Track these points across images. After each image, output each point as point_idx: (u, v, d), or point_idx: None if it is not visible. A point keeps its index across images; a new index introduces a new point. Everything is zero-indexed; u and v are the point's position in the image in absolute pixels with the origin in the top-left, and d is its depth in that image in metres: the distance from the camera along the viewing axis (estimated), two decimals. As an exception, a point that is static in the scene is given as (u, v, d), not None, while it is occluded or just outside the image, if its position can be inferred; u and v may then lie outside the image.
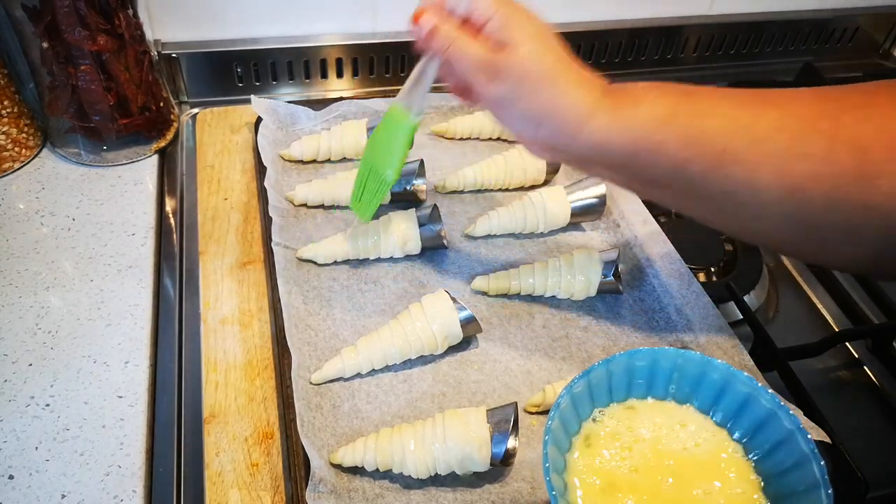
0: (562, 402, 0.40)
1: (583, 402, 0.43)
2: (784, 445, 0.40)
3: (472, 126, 0.82)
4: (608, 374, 0.43)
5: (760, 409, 0.41)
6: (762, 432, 0.42)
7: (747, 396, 0.42)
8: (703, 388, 0.44)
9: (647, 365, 0.44)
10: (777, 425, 0.41)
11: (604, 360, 0.42)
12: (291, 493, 0.51)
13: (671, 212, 0.80)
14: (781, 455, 0.40)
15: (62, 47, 0.67)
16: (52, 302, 0.62)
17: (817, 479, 0.38)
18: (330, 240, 0.67)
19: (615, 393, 0.44)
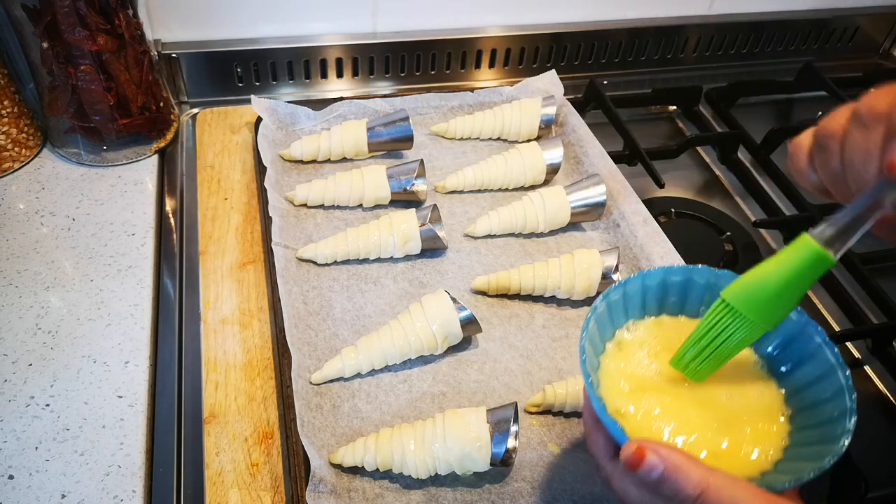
0: (599, 307, 0.43)
1: (617, 311, 0.45)
2: (811, 359, 0.42)
3: (472, 126, 0.82)
4: (643, 288, 0.45)
5: (790, 325, 0.43)
6: (790, 347, 0.43)
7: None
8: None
9: (681, 281, 0.45)
10: (806, 340, 0.42)
11: (640, 273, 0.45)
12: (291, 493, 0.51)
13: (671, 211, 0.80)
14: (808, 367, 0.42)
15: (62, 47, 0.67)
16: (52, 302, 0.62)
17: (842, 385, 0.39)
18: (330, 240, 0.67)
19: (648, 307, 0.46)
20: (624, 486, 0.39)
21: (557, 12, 0.96)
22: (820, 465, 0.36)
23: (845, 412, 0.39)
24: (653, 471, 0.35)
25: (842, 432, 0.38)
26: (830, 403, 0.40)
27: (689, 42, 1.03)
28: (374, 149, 0.77)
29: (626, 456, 0.36)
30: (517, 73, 0.98)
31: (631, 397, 0.43)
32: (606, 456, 0.41)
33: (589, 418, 0.42)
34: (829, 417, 0.39)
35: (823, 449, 0.38)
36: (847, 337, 0.68)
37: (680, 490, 0.34)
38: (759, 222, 0.80)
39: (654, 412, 0.42)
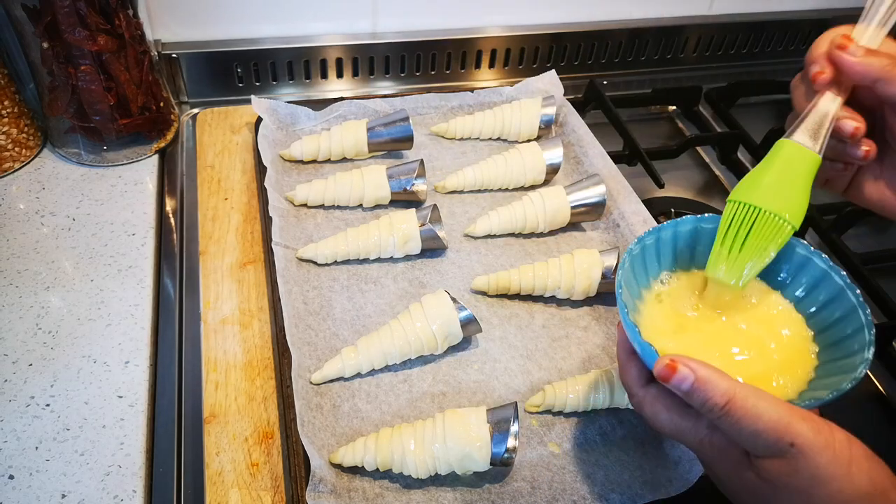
0: (634, 249, 0.46)
1: (651, 256, 0.48)
2: (834, 300, 0.45)
3: (472, 126, 0.82)
4: (675, 235, 0.48)
5: (815, 270, 0.47)
6: (816, 289, 0.47)
7: (805, 259, 0.47)
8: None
9: (713, 228, 0.47)
10: (829, 283, 0.46)
11: (672, 221, 0.48)
12: (291, 492, 0.51)
13: (671, 211, 0.80)
14: (832, 308, 0.46)
15: (62, 47, 0.67)
16: (53, 302, 0.62)
17: (862, 323, 0.43)
18: (330, 240, 0.67)
19: (680, 255, 0.49)
20: (655, 410, 0.42)
21: (557, 12, 0.96)
22: (838, 389, 0.39)
23: (865, 345, 0.42)
24: (684, 381, 0.37)
25: (860, 361, 0.41)
26: (851, 339, 0.44)
27: (689, 42, 1.03)
28: (374, 149, 0.77)
29: (659, 369, 0.38)
30: (517, 73, 0.98)
31: (666, 336, 0.45)
32: (639, 383, 0.43)
33: (622, 350, 0.44)
34: (851, 351, 0.43)
35: (843, 377, 0.41)
36: (847, 337, 0.68)
37: (708, 398, 0.37)
38: (759, 222, 0.79)
39: (690, 349, 0.45)
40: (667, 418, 0.41)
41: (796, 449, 0.36)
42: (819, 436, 0.36)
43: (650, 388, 0.42)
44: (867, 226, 0.85)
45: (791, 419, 0.36)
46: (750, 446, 0.37)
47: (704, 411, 0.38)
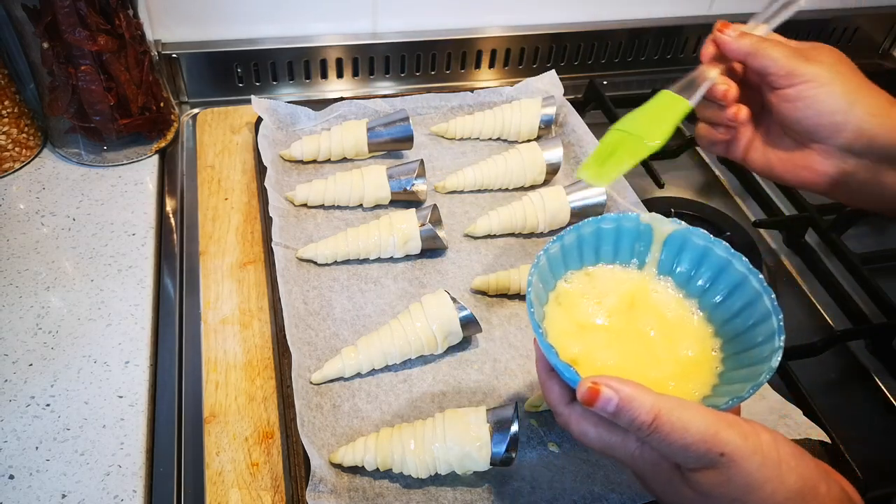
0: (540, 260, 0.45)
1: (557, 263, 0.48)
2: (738, 288, 0.45)
3: (472, 126, 0.82)
4: (579, 238, 0.48)
5: (717, 259, 0.46)
6: (719, 279, 0.46)
7: (704, 249, 0.47)
8: (667, 247, 0.48)
9: (612, 229, 0.48)
10: (731, 271, 0.45)
11: (575, 225, 0.48)
12: (291, 492, 0.51)
13: (671, 211, 0.80)
14: (736, 297, 0.45)
15: (62, 47, 0.67)
16: (53, 302, 0.62)
17: (769, 309, 0.42)
18: (330, 240, 0.67)
19: (586, 257, 0.49)
20: (582, 429, 0.41)
21: (557, 12, 0.96)
22: (756, 382, 0.39)
23: (773, 333, 0.41)
24: (608, 403, 0.37)
25: (772, 350, 0.40)
26: (758, 327, 0.43)
27: (689, 42, 1.03)
28: (374, 149, 0.77)
29: (582, 393, 0.37)
30: (517, 73, 0.98)
31: (576, 338, 0.45)
32: (563, 402, 0.42)
33: (542, 368, 0.44)
34: (760, 340, 0.42)
35: (757, 369, 0.40)
36: (847, 337, 0.68)
37: (635, 418, 0.36)
38: (759, 222, 0.80)
39: (599, 349, 0.45)
40: (595, 435, 0.40)
41: (726, 458, 0.35)
42: (747, 441, 0.36)
43: (575, 406, 0.41)
44: (867, 226, 0.85)
45: (718, 428, 0.36)
46: (681, 460, 0.37)
47: (632, 430, 0.37)
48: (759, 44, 0.53)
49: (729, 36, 0.54)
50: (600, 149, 0.53)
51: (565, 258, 0.48)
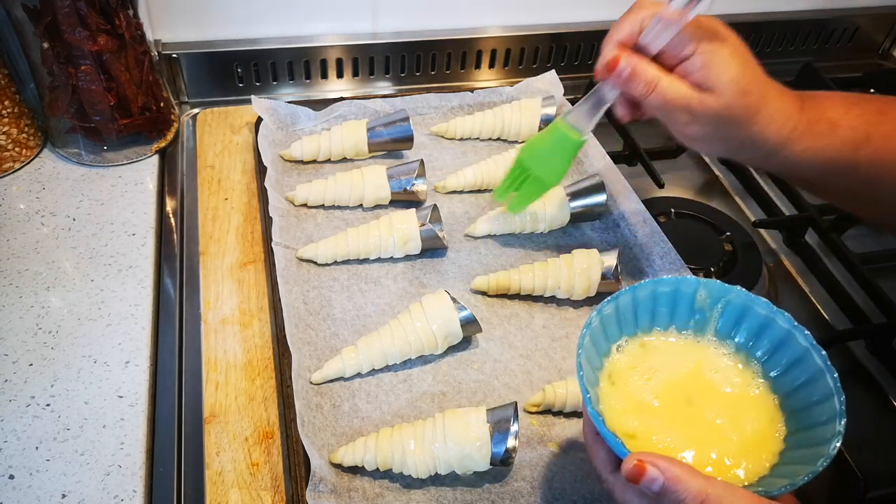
0: (593, 322, 0.44)
1: (611, 325, 0.46)
2: (799, 363, 0.43)
3: (472, 126, 0.82)
4: (634, 300, 0.46)
5: (778, 330, 0.45)
6: (779, 352, 0.45)
7: (766, 319, 0.45)
8: (725, 314, 0.47)
9: (670, 291, 0.47)
10: (793, 344, 0.44)
11: (631, 287, 0.46)
12: (291, 492, 0.51)
13: (671, 211, 0.80)
14: (797, 371, 0.43)
15: (62, 47, 0.67)
16: (53, 302, 0.62)
17: (831, 389, 0.41)
18: (330, 240, 0.67)
19: (640, 319, 0.47)
20: (626, 498, 0.40)
21: (557, 12, 0.96)
22: (812, 469, 0.37)
23: (835, 415, 0.40)
24: (653, 483, 0.36)
25: (832, 435, 0.39)
26: (820, 406, 0.41)
27: (689, 42, 1.03)
28: (374, 149, 0.77)
29: (627, 469, 0.37)
30: (517, 73, 0.98)
31: (633, 415, 0.44)
32: (608, 468, 0.42)
33: (589, 433, 0.43)
34: (820, 420, 0.41)
35: (816, 451, 0.39)
36: (847, 337, 0.68)
37: (680, 501, 0.35)
38: (759, 222, 0.80)
39: (657, 429, 0.43)
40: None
41: None
42: None
43: (620, 475, 0.40)
44: (867, 226, 0.85)
45: None
46: None
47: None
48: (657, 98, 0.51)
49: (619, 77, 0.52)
50: (507, 178, 0.65)
51: (619, 321, 0.47)
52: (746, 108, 0.50)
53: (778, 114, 0.51)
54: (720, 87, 0.49)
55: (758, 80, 0.50)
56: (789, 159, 0.52)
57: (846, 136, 0.51)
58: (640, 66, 0.51)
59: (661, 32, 0.50)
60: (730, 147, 0.53)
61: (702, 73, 0.49)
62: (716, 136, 0.52)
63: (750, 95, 0.50)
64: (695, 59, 0.50)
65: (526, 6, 0.94)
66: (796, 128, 0.51)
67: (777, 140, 0.51)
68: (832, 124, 0.52)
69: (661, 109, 0.52)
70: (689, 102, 0.50)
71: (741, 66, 0.49)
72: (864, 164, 0.52)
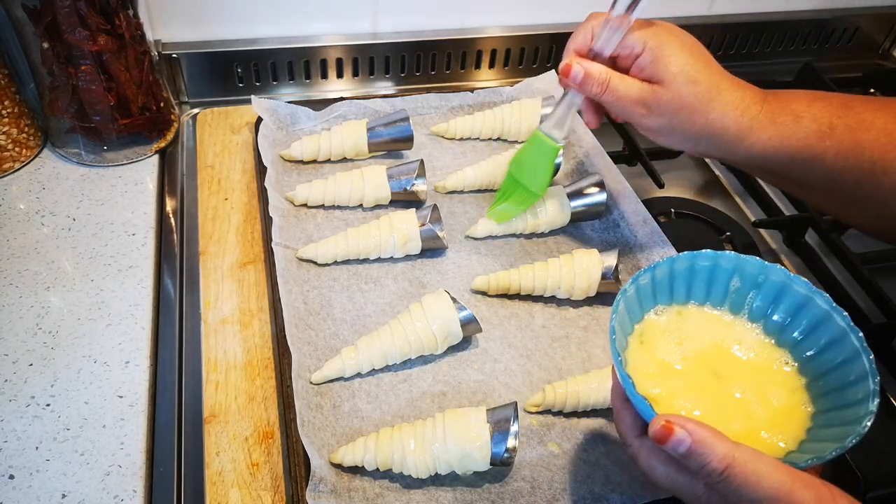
0: (629, 290, 0.44)
1: (646, 295, 0.46)
2: (836, 344, 0.43)
3: (472, 126, 0.82)
4: (671, 273, 0.46)
5: (816, 310, 0.44)
6: (816, 331, 0.45)
7: (804, 298, 0.45)
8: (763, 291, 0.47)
9: (708, 266, 0.46)
10: (831, 325, 0.44)
11: (669, 258, 0.46)
12: (292, 492, 0.51)
13: (671, 211, 0.80)
14: (833, 352, 0.43)
15: (62, 47, 0.67)
16: (53, 302, 0.62)
17: (866, 370, 0.41)
18: (330, 240, 0.67)
19: (676, 293, 0.47)
20: (650, 463, 0.40)
21: (557, 12, 0.96)
22: (842, 444, 0.37)
23: (869, 395, 0.40)
24: (680, 444, 0.36)
25: (865, 413, 0.39)
26: (854, 387, 0.41)
27: (688, 42, 1.03)
28: (374, 149, 0.77)
29: (655, 430, 0.37)
30: (517, 73, 0.98)
31: (657, 379, 0.44)
32: (633, 433, 0.42)
33: (617, 397, 0.43)
34: (854, 400, 0.41)
35: (846, 430, 0.39)
36: (847, 337, 0.68)
37: (707, 463, 0.35)
38: (759, 222, 0.80)
39: (680, 395, 0.43)
40: (663, 472, 0.40)
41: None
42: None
43: (645, 440, 0.40)
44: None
45: (793, 487, 0.35)
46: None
47: (702, 475, 0.36)
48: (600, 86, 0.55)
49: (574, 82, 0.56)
50: (500, 192, 0.69)
51: (655, 291, 0.47)
52: (697, 95, 0.52)
53: (735, 102, 0.53)
54: (668, 78, 0.52)
55: (708, 71, 0.53)
56: (754, 149, 0.53)
57: (810, 127, 0.52)
58: (591, 69, 0.55)
59: (611, 36, 0.55)
60: (691, 136, 0.55)
61: (651, 67, 0.53)
62: (675, 127, 0.54)
63: (699, 84, 0.52)
64: (644, 56, 0.53)
65: (526, 6, 0.94)
66: (757, 117, 0.53)
67: (738, 128, 0.53)
68: (796, 115, 0.53)
69: (618, 106, 0.55)
70: (642, 95, 0.53)
71: (689, 58, 0.52)
72: (830, 155, 0.52)
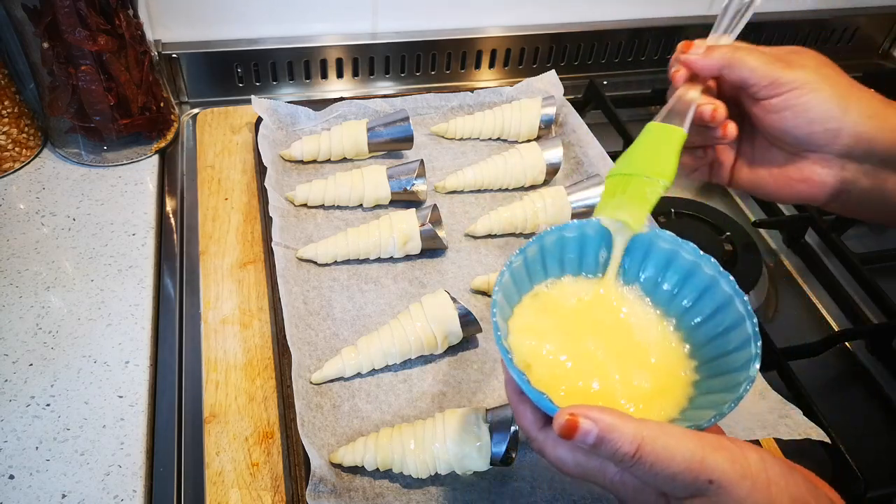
0: (504, 277, 0.42)
1: (521, 278, 0.45)
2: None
3: (472, 126, 0.82)
4: (541, 250, 0.45)
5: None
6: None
7: (670, 253, 0.44)
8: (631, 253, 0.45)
9: (576, 237, 0.45)
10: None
11: (537, 237, 0.44)
12: (292, 492, 0.51)
13: (671, 211, 0.80)
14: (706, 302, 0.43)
15: (63, 47, 0.67)
16: (53, 302, 0.62)
17: (741, 313, 0.40)
18: (330, 240, 0.67)
19: (549, 269, 0.46)
20: (558, 454, 0.39)
21: (557, 12, 0.96)
22: (736, 395, 0.37)
23: (748, 339, 0.39)
24: (588, 435, 0.35)
25: (749, 358, 0.38)
26: (732, 332, 0.41)
27: (689, 42, 1.03)
28: (374, 149, 0.77)
29: (560, 425, 0.35)
30: (517, 73, 0.98)
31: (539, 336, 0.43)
32: (536, 427, 0.40)
33: (512, 391, 0.41)
34: (733, 346, 0.40)
35: (735, 377, 0.38)
36: (847, 337, 0.68)
37: (617, 449, 0.34)
38: (759, 222, 0.80)
39: (564, 363, 0.42)
40: (572, 462, 0.38)
41: (715, 485, 0.34)
42: (735, 465, 0.34)
43: (550, 432, 0.39)
44: (867, 226, 0.85)
45: (704, 453, 0.34)
46: (668, 489, 0.35)
47: (615, 461, 0.35)
48: (732, 54, 0.48)
49: (696, 54, 0.49)
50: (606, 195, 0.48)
51: (529, 272, 0.45)
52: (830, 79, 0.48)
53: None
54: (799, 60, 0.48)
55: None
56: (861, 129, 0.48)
57: None
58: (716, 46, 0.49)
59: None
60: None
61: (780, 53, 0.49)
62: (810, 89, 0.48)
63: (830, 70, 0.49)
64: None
65: (526, 6, 0.94)
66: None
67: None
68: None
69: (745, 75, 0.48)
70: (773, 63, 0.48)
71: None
72: None
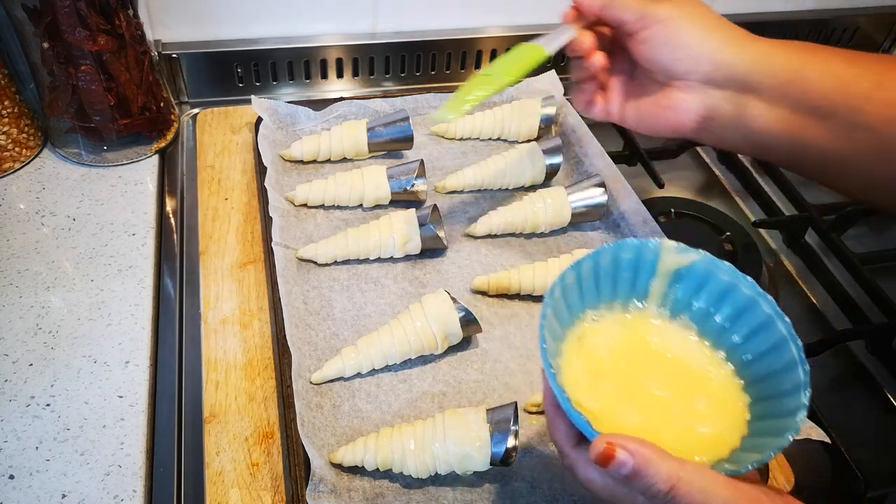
0: (555, 292, 0.42)
1: (573, 296, 0.44)
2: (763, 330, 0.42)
3: (472, 126, 0.82)
4: (595, 267, 0.45)
5: (741, 297, 0.43)
6: (742, 318, 0.43)
7: (728, 285, 0.44)
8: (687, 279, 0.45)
9: (632, 258, 0.45)
10: (756, 311, 0.43)
11: (591, 254, 0.44)
12: (292, 492, 0.51)
13: (671, 211, 0.80)
14: (760, 339, 0.42)
15: (63, 47, 0.67)
16: (53, 302, 0.62)
17: (794, 358, 0.40)
18: (330, 240, 0.67)
19: (602, 289, 0.46)
20: (589, 475, 0.39)
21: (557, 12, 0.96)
22: (780, 443, 0.37)
23: (799, 385, 0.39)
24: (623, 467, 0.35)
25: (796, 407, 0.38)
26: (783, 375, 0.40)
27: (689, 42, 1.03)
28: (374, 149, 0.77)
29: (597, 453, 0.35)
30: (517, 73, 0.98)
31: (592, 386, 0.42)
32: (569, 443, 0.40)
33: (550, 406, 0.41)
34: (783, 390, 0.40)
35: (783, 423, 0.38)
36: (847, 337, 0.68)
37: (651, 485, 0.34)
38: (759, 222, 0.80)
39: (616, 402, 0.42)
40: (602, 484, 0.38)
41: None
42: None
43: (582, 450, 0.39)
44: (867, 226, 0.85)
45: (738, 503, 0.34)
46: None
47: (647, 496, 0.35)
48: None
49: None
50: (460, 90, 0.57)
51: (582, 289, 0.45)
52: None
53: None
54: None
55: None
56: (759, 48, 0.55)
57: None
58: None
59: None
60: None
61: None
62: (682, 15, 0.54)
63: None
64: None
65: (526, 6, 0.94)
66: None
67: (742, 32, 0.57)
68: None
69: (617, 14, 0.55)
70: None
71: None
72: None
